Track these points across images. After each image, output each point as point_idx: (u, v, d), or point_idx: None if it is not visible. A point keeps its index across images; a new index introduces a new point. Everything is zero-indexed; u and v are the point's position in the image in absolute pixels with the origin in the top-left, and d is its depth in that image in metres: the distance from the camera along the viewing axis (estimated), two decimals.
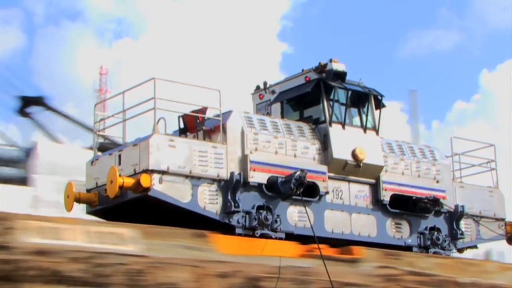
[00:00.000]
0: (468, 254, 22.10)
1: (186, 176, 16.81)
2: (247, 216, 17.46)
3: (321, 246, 17.74)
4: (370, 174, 19.45)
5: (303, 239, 17.85)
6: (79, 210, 17.94)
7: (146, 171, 16.33)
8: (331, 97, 19.42)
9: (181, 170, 16.73)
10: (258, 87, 21.07)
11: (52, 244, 14.73)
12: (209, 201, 17.10)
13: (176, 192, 16.64)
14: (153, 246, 15.87)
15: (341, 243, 18.60)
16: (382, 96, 20.20)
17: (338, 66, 19.70)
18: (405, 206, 19.96)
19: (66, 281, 14.68)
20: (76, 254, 14.88)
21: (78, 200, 17.67)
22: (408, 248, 19.88)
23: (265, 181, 17.75)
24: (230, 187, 17.25)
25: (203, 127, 17.84)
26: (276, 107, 20.39)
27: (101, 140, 22.10)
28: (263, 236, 17.47)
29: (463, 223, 20.95)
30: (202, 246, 16.60)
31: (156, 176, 16.38)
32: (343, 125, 19.27)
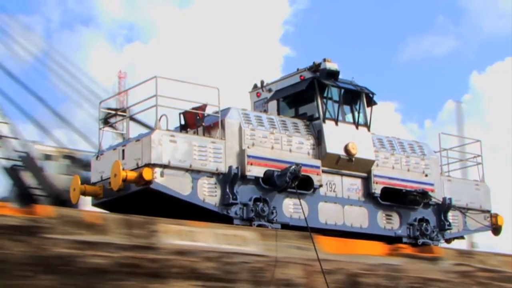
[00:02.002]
0: None
1: (187, 170, 16.79)
2: (245, 208, 17.44)
3: (404, 246, 19.36)
4: (362, 168, 19.41)
5: (297, 230, 17.82)
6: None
7: (148, 165, 16.31)
8: (325, 95, 19.39)
9: (181, 164, 16.71)
10: (255, 86, 21.04)
11: (189, 245, 15.86)
12: (208, 194, 17.08)
13: (177, 185, 16.63)
14: (270, 246, 16.91)
15: (334, 234, 18.57)
16: (373, 94, 20.17)
17: (331, 66, 19.68)
18: (395, 199, 19.93)
19: (202, 278, 15.86)
20: (209, 254, 16.07)
21: (84, 193, 17.64)
22: (398, 239, 19.86)
23: (261, 175, 17.73)
24: (228, 180, 17.22)
25: (203, 123, 17.82)
26: (273, 104, 20.35)
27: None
28: (259, 227, 17.44)
29: (450, 215, 20.90)
30: (309, 246, 17.40)
31: (157, 170, 16.37)
32: (336, 121, 19.23)
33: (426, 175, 20.61)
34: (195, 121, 17.99)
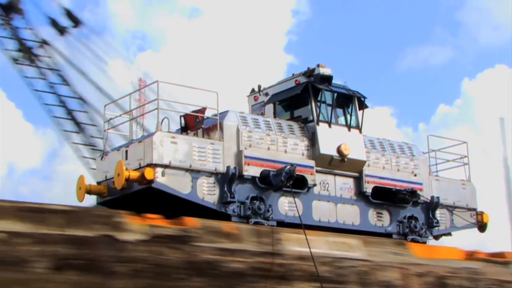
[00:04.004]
0: None
1: (187, 170, 16.78)
2: (242, 206, 17.43)
3: (478, 251, 20.71)
4: (354, 168, 19.39)
5: (292, 227, 17.80)
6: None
7: (150, 165, 16.31)
8: (319, 98, 19.38)
9: (182, 164, 16.70)
10: (253, 90, 21.04)
11: (308, 251, 16.97)
12: (207, 192, 17.06)
13: (177, 184, 16.61)
14: (371, 252, 18.40)
15: (326, 231, 18.54)
16: (365, 97, 20.13)
17: (325, 71, 19.69)
18: (386, 197, 19.89)
19: (319, 280, 17.05)
20: (324, 259, 17.41)
21: (89, 192, 17.64)
22: (388, 235, 19.82)
23: (258, 174, 17.71)
24: (226, 180, 17.22)
25: (203, 126, 17.80)
26: (269, 107, 20.34)
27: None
28: (256, 224, 17.43)
29: (438, 213, 20.87)
30: (403, 252, 19.01)
31: (159, 170, 16.36)
32: (329, 124, 19.22)
33: (415, 175, 20.59)
34: (195, 124, 17.98)
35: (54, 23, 24.78)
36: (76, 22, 24.84)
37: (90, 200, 17.94)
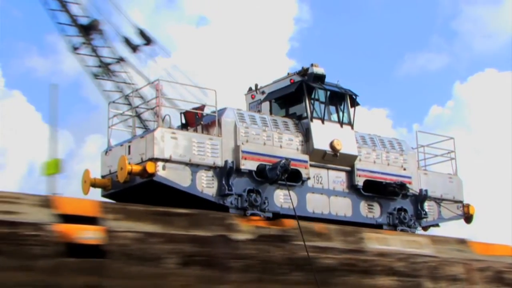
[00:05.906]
0: None
1: (186, 164, 16.87)
2: (239, 198, 17.53)
3: None
4: (346, 163, 19.48)
5: (287, 218, 17.89)
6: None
7: (152, 159, 16.41)
8: (312, 96, 19.46)
9: (182, 158, 16.79)
10: (250, 89, 21.10)
11: (387, 249, 18.60)
12: (206, 185, 17.15)
13: (177, 177, 16.71)
14: (438, 249, 19.82)
15: (320, 222, 18.63)
16: (356, 95, 20.22)
17: (318, 70, 19.76)
18: (376, 190, 19.98)
19: (397, 274, 18.51)
20: (400, 256, 18.82)
21: (94, 185, 17.71)
22: (379, 226, 19.91)
23: (254, 168, 17.81)
24: (224, 173, 17.32)
25: (202, 122, 17.89)
26: (266, 105, 20.42)
27: None
28: (253, 215, 17.52)
29: (426, 205, 20.95)
30: (465, 249, 20.49)
31: (160, 164, 16.46)
32: (323, 120, 19.30)
33: (404, 169, 20.66)
34: (194, 120, 18.07)
35: (127, 42, 25.67)
36: (148, 40, 25.69)
37: (95, 193, 18.01)
